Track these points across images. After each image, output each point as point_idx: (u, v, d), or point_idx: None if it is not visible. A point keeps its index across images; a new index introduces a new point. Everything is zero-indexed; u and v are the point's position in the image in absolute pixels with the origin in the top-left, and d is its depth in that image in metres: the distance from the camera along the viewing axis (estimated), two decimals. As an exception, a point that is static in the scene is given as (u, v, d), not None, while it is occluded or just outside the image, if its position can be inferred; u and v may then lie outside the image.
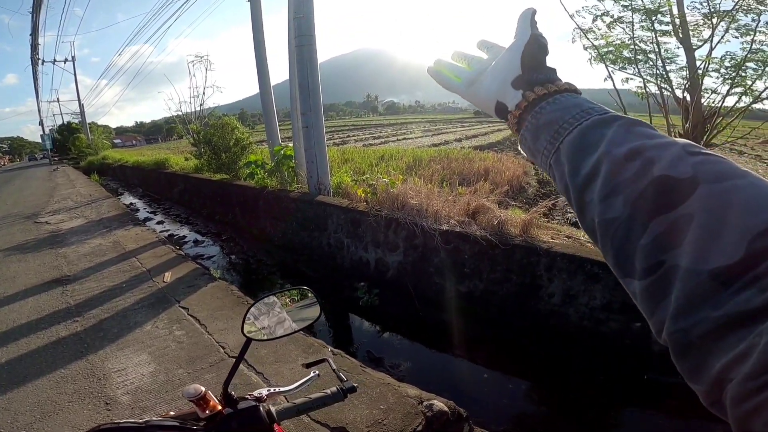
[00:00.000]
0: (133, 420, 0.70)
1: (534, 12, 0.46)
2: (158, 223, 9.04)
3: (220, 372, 2.62)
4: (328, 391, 0.89)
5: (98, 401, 2.44)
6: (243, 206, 7.28)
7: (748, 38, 3.62)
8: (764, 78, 3.66)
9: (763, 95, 3.68)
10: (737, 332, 0.22)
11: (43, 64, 35.37)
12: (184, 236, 7.73)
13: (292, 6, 5.37)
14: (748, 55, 3.65)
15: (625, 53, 4.30)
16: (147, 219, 9.24)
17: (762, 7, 3.51)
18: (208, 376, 2.59)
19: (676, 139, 0.31)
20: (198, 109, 10.98)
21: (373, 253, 4.66)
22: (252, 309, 0.90)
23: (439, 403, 2.20)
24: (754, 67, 3.70)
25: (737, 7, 3.55)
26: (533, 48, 0.44)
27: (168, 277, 4.34)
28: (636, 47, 4.24)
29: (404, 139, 20.33)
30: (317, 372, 0.93)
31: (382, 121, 57.00)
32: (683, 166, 0.28)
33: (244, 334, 0.85)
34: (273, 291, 0.94)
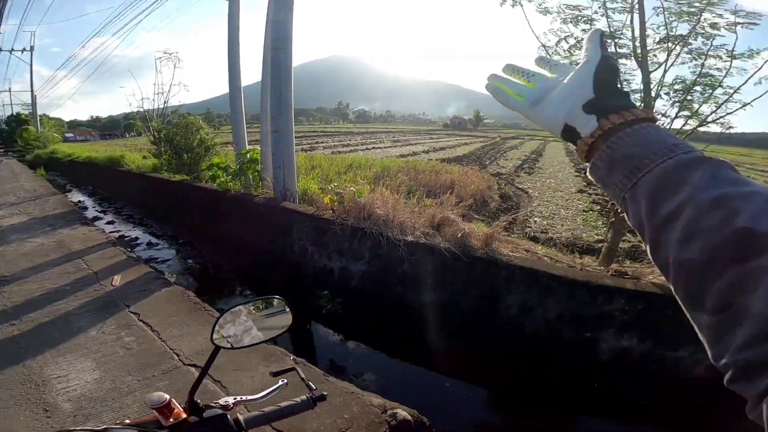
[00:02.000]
0: (90, 427, 0.68)
1: (602, 33, 0.44)
2: (108, 223, 8.54)
3: (174, 380, 2.52)
4: (298, 399, 0.89)
5: (37, 408, 2.33)
6: (203, 209, 7.01)
7: (699, 62, 3.83)
8: (710, 102, 3.88)
9: (709, 119, 3.91)
10: None
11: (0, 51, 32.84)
12: (137, 238, 7.36)
13: (272, 8, 5.31)
14: (698, 79, 3.87)
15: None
16: (96, 218, 8.70)
17: (714, 32, 3.74)
18: (162, 384, 2.49)
19: (760, 187, 0.32)
20: (161, 106, 10.68)
21: (337, 261, 4.62)
22: (222, 317, 0.88)
23: (403, 412, 2.22)
24: (701, 90, 3.91)
25: (692, 32, 3.78)
26: (606, 70, 0.42)
27: (117, 280, 4.11)
28: None
29: (373, 148, 20.44)
30: (285, 381, 0.94)
31: (352, 128, 57.11)
32: (766, 220, 0.30)
33: (213, 342, 0.84)
34: (244, 300, 0.95)
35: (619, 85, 0.43)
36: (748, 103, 3.80)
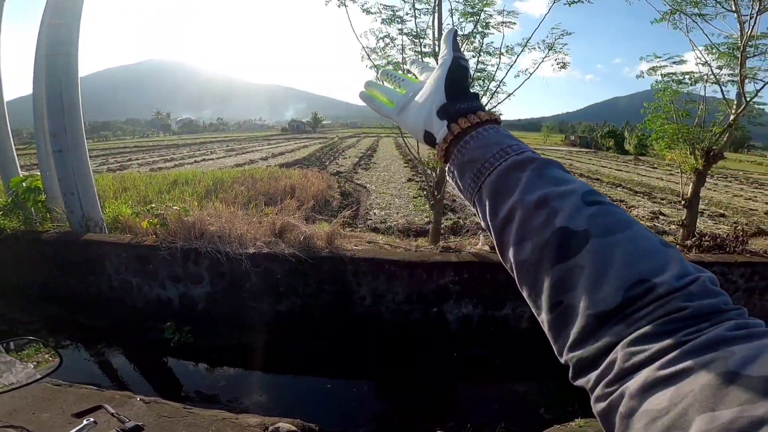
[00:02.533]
0: None
1: (455, 32, 0.44)
2: None
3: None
4: None
5: None
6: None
7: (484, 58, 4.63)
8: (488, 93, 4.74)
9: (486, 108, 4.81)
10: (608, 354, 0.28)
11: None
12: None
13: (50, 10, 4.25)
14: (476, 74, 4.69)
15: (400, 72, 4.95)
16: None
17: (486, 31, 4.57)
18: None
19: (576, 185, 0.35)
20: None
21: (173, 289, 4.08)
22: None
23: (285, 425, 2.16)
24: (480, 84, 4.75)
25: (474, 30, 4.55)
26: (456, 73, 0.42)
27: None
28: (404, 66, 4.92)
29: (204, 160, 18.62)
30: (91, 419, 0.89)
31: (177, 141, 50.63)
32: (579, 219, 0.32)
33: None
34: None
35: (469, 87, 0.43)
36: (512, 93, 4.84)
